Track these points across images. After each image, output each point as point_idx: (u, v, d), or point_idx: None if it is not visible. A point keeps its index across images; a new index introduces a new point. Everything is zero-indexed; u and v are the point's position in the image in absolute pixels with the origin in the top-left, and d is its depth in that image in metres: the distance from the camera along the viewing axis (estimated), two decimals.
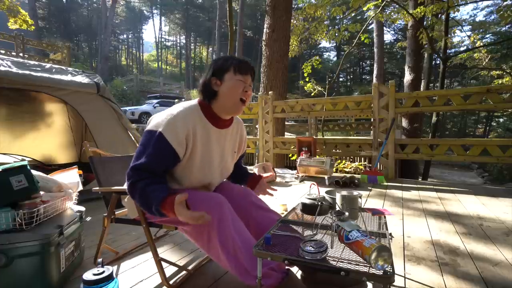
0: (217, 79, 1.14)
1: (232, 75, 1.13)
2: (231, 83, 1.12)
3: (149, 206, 1.01)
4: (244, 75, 1.14)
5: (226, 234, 1.01)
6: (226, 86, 1.13)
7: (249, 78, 1.17)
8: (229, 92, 1.13)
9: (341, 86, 31.96)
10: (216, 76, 1.14)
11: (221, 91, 1.13)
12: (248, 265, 0.96)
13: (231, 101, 1.13)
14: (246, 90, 1.14)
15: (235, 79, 1.13)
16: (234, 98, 1.13)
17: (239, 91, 1.13)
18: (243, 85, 1.14)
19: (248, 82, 1.16)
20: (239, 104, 1.14)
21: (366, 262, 0.81)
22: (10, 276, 1.09)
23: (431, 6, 6.10)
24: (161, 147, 1.04)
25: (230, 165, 1.32)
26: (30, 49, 12.73)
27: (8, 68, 2.46)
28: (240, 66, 1.14)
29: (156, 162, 1.04)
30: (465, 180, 10.49)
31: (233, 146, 1.31)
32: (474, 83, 17.26)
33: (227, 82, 1.13)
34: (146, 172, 1.03)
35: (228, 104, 1.14)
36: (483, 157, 3.59)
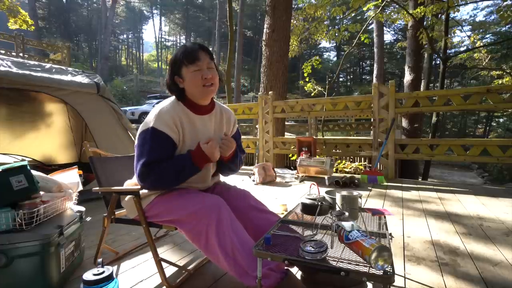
0: (178, 77, 1.20)
1: (186, 69, 1.17)
2: (188, 77, 1.17)
3: (178, 173, 1.09)
4: (196, 62, 1.16)
5: (225, 235, 1.01)
6: (187, 81, 1.18)
7: (203, 61, 1.16)
8: (191, 85, 1.18)
9: (341, 86, 31.96)
10: (177, 75, 1.20)
11: (185, 86, 1.20)
12: (246, 265, 0.97)
13: (196, 91, 1.19)
14: (204, 77, 1.16)
15: (190, 72, 1.16)
16: (197, 88, 1.18)
17: (198, 81, 1.16)
18: (199, 74, 1.16)
19: (203, 66, 1.16)
20: (205, 90, 1.18)
21: (366, 262, 0.81)
22: (10, 276, 1.09)
23: (431, 6, 6.10)
24: (158, 139, 1.11)
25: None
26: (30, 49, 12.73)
27: (8, 68, 2.46)
28: (187, 56, 1.16)
29: (159, 154, 1.10)
30: (465, 180, 10.49)
31: (220, 130, 1.33)
32: (474, 83, 17.26)
33: (185, 76, 1.18)
34: (154, 163, 1.08)
35: (195, 94, 1.20)
36: (483, 157, 3.58)
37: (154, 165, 1.08)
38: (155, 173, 1.08)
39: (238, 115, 5.35)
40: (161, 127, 1.11)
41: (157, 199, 1.19)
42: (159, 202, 1.17)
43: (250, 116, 5.25)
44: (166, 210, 1.15)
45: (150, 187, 1.14)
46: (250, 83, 31.14)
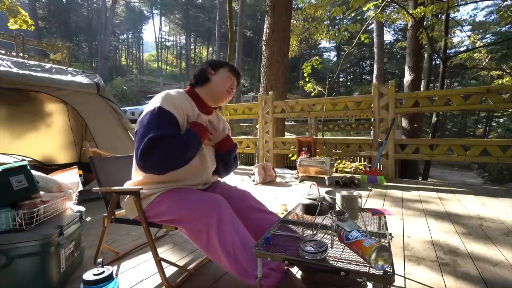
0: (212, 69, 1.31)
1: (226, 71, 1.32)
2: (224, 76, 1.31)
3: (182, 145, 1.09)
4: (234, 76, 1.35)
5: (226, 233, 1.01)
6: (219, 77, 1.31)
7: (236, 81, 1.36)
8: (221, 82, 1.30)
9: (341, 86, 31.95)
10: (211, 67, 1.32)
11: (213, 79, 1.30)
12: (247, 264, 0.97)
13: (220, 89, 1.30)
14: (232, 88, 1.33)
15: (227, 75, 1.32)
16: (223, 87, 1.30)
17: (228, 84, 1.31)
18: (230, 81, 1.32)
19: (235, 83, 1.35)
20: (226, 94, 1.32)
21: (366, 262, 0.81)
22: (10, 276, 1.09)
23: (431, 6, 6.10)
24: (165, 118, 1.12)
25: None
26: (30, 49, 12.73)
27: (8, 68, 2.46)
28: (233, 68, 1.36)
29: (166, 131, 1.08)
30: (465, 180, 10.49)
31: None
32: (474, 83, 17.25)
33: (220, 74, 1.31)
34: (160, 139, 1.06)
35: (217, 91, 1.30)
36: (483, 157, 3.58)
37: (160, 140, 1.06)
38: (161, 146, 1.04)
39: (238, 115, 5.36)
40: (168, 107, 1.13)
41: (158, 199, 1.19)
42: (159, 202, 1.17)
43: (250, 116, 5.25)
44: (167, 210, 1.15)
45: (153, 164, 1.07)
46: (250, 83, 31.14)
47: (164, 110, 1.12)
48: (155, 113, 1.11)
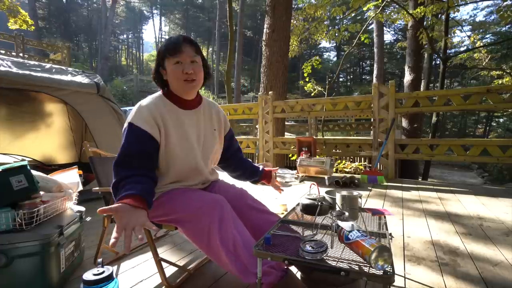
0: (163, 69, 1.17)
1: (169, 60, 1.13)
2: (169, 70, 1.14)
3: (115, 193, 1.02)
4: (179, 54, 1.11)
5: (227, 232, 1.01)
6: (168, 73, 1.15)
7: (186, 54, 1.12)
8: (172, 78, 1.15)
9: (341, 86, 31.95)
10: (161, 66, 1.17)
11: (168, 78, 1.17)
12: (248, 262, 0.97)
13: (177, 85, 1.16)
14: (185, 71, 1.11)
15: (171, 64, 1.13)
16: (178, 82, 1.15)
17: (178, 75, 1.13)
18: (180, 67, 1.12)
19: (185, 59, 1.12)
20: (186, 85, 1.15)
21: (366, 262, 0.81)
22: (10, 276, 1.09)
23: (431, 6, 6.10)
24: (135, 134, 1.07)
25: (212, 145, 1.30)
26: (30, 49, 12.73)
27: (8, 68, 2.46)
28: (170, 47, 1.12)
29: (134, 148, 1.05)
30: (465, 180, 10.49)
31: (211, 125, 1.30)
32: (474, 83, 17.26)
33: (167, 69, 1.15)
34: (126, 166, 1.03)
35: (177, 88, 1.18)
36: (483, 157, 3.58)
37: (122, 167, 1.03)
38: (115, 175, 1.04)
39: (238, 115, 5.35)
40: (137, 122, 1.08)
41: (158, 200, 1.18)
42: (159, 203, 1.17)
43: (250, 116, 5.25)
44: (167, 210, 1.14)
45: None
46: (250, 83, 31.14)
47: (133, 126, 1.08)
48: (126, 130, 1.09)
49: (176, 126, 1.16)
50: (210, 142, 1.29)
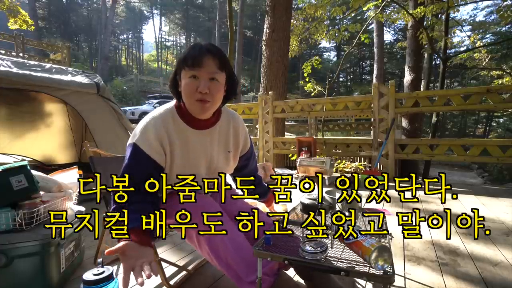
0: (179, 79, 1.02)
1: (185, 72, 0.98)
2: (183, 83, 0.99)
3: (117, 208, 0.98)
4: (196, 68, 0.95)
5: (216, 239, 0.97)
6: (182, 88, 1.00)
7: (205, 68, 0.96)
8: (184, 94, 1.00)
9: (341, 86, 31.97)
10: (178, 75, 1.02)
11: (182, 92, 1.01)
12: (240, 271, 0.95)
13: (189, 103, 1.01)
14: (200, 90, 0.95)
15: (187, 77, 0.97)
16: (189, 100, 1.00)
17: (191, 92, 0.97)
18: (195, 83, 0.96)
19: (203, 75, 0.96)
20: (197, 105, 0.99)
21: (366, 262, 0.81)
22: (10, 276, 1.09)
23: (431, 6, 6.10)
24: (137, 157, 1.00)
25: (225, 166, 1.22)
26: (30, 49, 12.73)
27: (8, 68, 2.46)
28: (188, 57, 0.96)
29: (135, 171, 0.99)
30: (465, 180, 10.48)
31: (225, 146, 1.19)
32: (474, 83, 17.26)
33: (182, 81, 1.00)
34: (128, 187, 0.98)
35: (188, 106, 1.03)
36: (483, 157, 3.58)
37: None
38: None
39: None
40: (143, 145, 0.99)
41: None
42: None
43: (250, 116, 5.25)
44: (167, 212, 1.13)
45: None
46: (250, 83, 31.14)
47: (138, 149, 0.99)
48: (130, 150, 1.01)
49: (182, 147, 1.06)
50: (221, 165, 1.20)
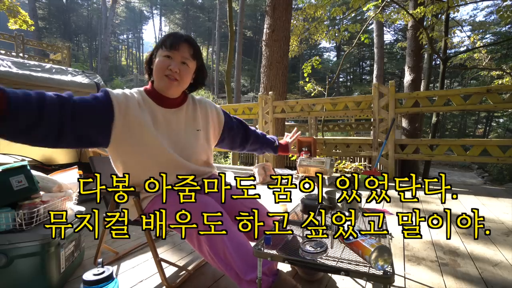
0: (154, 58, 1.12)
1: (161, 51, 1.09)
2: (157, 60, 1.09)
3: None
4: (172, 50, 1.07)
5: (216, 238, 0.98)
6: (155, 63, 1.10)
7: (180, 52, 1.08)
8: (155, 69, 1.10)
9: (341, 86, 31.97)
10: (154, 56, 1.13)
11: (153, 69, 1.12)
12: (240, 270, 0.95)
13: (157, 77, 1.10)
14: (170, 68, 1.06)
15: (162, 55, 1.08)
16: (158, 74, 1.09)
17: (162, 68, 1.08)
18: (168, 62, 1.07)
19: (176, 57, 1.08)
20: (165, 80, 1.09)
21: (366, 262, 0.81)
22: (10, 276, 1.09)
23: (431, 7, 6.10)
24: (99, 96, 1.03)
25: (194, 145, 1.22)
26: (30, 49, 12.74)
27: (8, 68, 2.46)
28: (167, 40, 1.08)
29: (85, 99, 0.98)
30: (465, 180, 10.49)
31: (194, 125, 1.23)
32: (474, 83, 17.28)
33: (157, 59, 1.10)
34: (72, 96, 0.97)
35: (156, 80, 1.12)
36: (483, 157, 3.58)
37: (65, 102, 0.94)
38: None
39: (238, 115, 5.33)
40: (111, 93, 1.04)
41: (151, 203, 1.17)
42: (156, 203, 1.15)
43: (250, 116, 5.25)
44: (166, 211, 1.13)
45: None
46: (250, 83, 31.15)
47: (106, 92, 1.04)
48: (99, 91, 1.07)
49: (148, 124, 1.09)
50: (191, 142, 1.21)
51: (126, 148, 1.09)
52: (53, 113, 0.89)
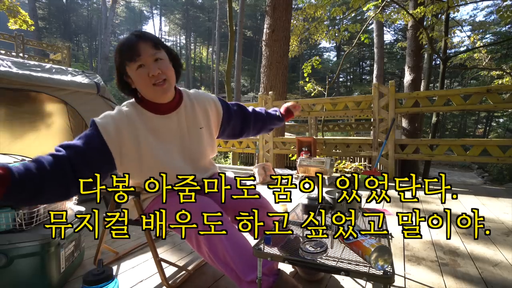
0: (127, 77, 1.06)
1: (129, 67, 1.01)
2: (135, 76, 1.02)
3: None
4: (137, 57, 0.98)
5: (215, 239, 0.98)
6: (135, 81, 1.04)
7: (145, 54, 0.99)
8: (140, 86, 1.04)
9: (341, 86, 31.98)
10: (125, 75, 1.06)
11: (136, 87, 1.06)
12: (239, 271, 0.94)
13: (146, 91, 1.05)
14: (151, 74, 0.99)
15: (134, 70, 1.01)
16: (145, 87, 1.03)
17: (146, 81, 1.01)
18: (144, 71, 1.00)
19: (147, 60, 1.00)
20: (157, 90, 1.03)
21: (366, 262, 0.81)
22: (10, 276, 1.09)
23: (431, 6, 6.10)
24: (91, 134, 1.00)
25: (198, 145, 1.20)
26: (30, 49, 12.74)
27: (8, 68, 2.46)
28: (125, 53, 1.00)
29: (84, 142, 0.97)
30: (465, 180, 10.49)
31: (195, 123, 1.19)
32: (474, 83, 17.28)
33: (132, 77, 1.03)
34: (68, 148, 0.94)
35: (147, 94, 1.06)
36: (483, 157, 3.58)
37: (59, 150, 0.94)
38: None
39: None
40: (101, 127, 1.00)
41: (152, 203, 1.17)
42: (157, 203, 1.16)
43: None
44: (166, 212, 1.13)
45: None
46: (250, 83, 31.16)
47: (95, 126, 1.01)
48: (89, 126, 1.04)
49: (149, 135, 1.07)
50: (197, 142, 1.20)
51: (133, 167, 1.09)
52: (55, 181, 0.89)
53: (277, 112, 1.53)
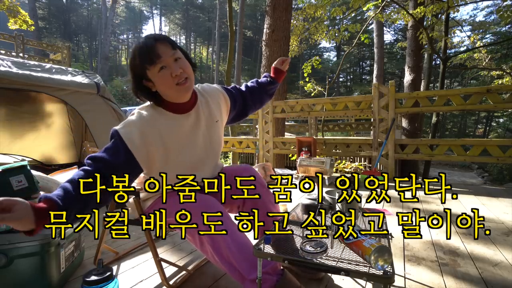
0: (147, 81, 1.05)
1: (150, 70, 1.02)
2: (157, 78, 1.02)
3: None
4: (157, 60, 0.99)
5: (218, 237, 0.98)
6: (157, 84, 1.04)
7: (165, 55, 1.00)
8: (163, 88, 1.05)
9: (341, 86, 31.98)
10: (144, 79, 1.05)
11: (158, 89, 1.06)
12: (242, 270, 0.95)
13: (171, 92, 1.06)
14: (175, 74, 1.00)
15: (157, 72, 1.01)
16: (171, 89, 1.04)
17: (169, 82, 1.02)
18: (167, 73, 1.01)
19: (168, 61, 1.01)
20: (180, 89, 1.04)
21: (366, 262, 0.81)
22: (10, 276, 1.09)
23: (431, 6, 6.10)
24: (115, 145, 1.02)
25: (218, 137, 1.26)
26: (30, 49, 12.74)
27: (8, 68, 2.46)
28: (145, 57, 1.00)
29: (111, 154, 0.99)
30: (465, 180, 10.49)
31: (211, 118, 1.22)
32: (474, 83, 17.28)
33: (154, 79, 1.03)
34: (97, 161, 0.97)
35: (171, 95, 1.07)
36: (483, 157, 3.58)
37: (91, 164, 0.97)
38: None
39: None
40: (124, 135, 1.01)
41: (154, 202, 1.17)
42: (157, 203, 1.16)
43: (250, 116, 5.24)
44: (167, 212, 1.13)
45: None
46: None
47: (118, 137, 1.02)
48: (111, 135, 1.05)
49: (174, 136, 1.10)
50: (216, 136, 1.24)
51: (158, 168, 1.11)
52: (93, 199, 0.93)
53: (268, 78, 1.50)
